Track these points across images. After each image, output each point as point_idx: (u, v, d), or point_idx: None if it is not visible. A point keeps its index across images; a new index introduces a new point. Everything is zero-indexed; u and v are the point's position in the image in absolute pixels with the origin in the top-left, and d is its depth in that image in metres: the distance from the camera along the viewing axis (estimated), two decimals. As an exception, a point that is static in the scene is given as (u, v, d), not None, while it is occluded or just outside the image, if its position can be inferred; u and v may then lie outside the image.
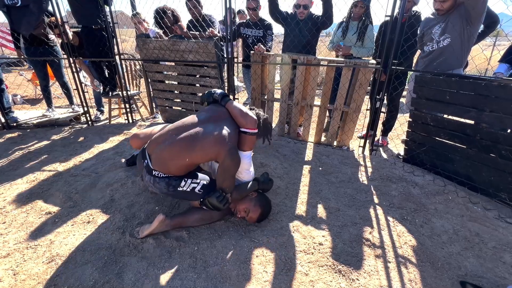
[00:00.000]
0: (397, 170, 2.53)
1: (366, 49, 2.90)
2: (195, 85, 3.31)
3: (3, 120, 3.43)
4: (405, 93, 3.34)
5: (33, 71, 4.85)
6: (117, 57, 3.39)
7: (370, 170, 2.54)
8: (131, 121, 3.74)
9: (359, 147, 2.92)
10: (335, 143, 3.07)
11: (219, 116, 1.74)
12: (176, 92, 3.45)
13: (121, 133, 3.34)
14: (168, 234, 1.67)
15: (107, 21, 3.16)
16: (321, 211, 1.94)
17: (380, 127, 3.08)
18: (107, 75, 3.75)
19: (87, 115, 3.58)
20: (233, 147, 1.60)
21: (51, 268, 1.46)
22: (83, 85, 3.52)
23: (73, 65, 3.32)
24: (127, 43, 7.20)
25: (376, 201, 2.08)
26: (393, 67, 2.49)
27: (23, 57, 3.63)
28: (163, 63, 3.39)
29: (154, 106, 4.10)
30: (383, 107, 2.76)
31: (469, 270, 1.51)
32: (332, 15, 2.79)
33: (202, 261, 1.51)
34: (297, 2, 2.88)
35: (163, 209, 1.92)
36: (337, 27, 3.08)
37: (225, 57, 3.02)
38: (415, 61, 2.98)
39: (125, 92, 3.52)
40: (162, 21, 3.14)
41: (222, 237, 1.68)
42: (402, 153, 2.81)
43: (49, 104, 3.90)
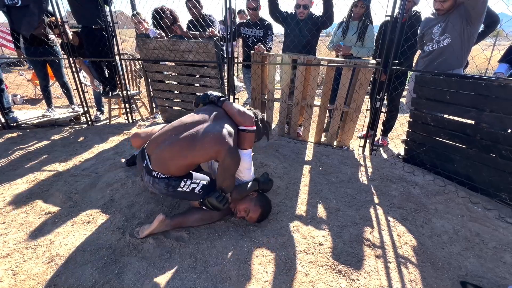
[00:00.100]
0: (397, 170, 2.53)
1: (366, 49, 2.90)
2: (195, 85, 3.31)
3: (3, 120, 3.43)
4: (405, 93, 3.34)
5: (33, 71, 4.85)
6: (117, 57, 3.39)
7: (370, 170, 2.53)
8: (131, 121, 3.74)
9: (359, 147, 2.92)
10: (335, 143, 3.07)
11: (217, 115, 1.74)
12: (176, 92, 3.45)
13: (121, 133, 3.34)
14: (168, 234, 1.67)
15: (107, 21, 3.16)
16: (321, 211, 1.94)
17: (380, 127, 3.07)
18: (107, 75, 3.75)
19: (87, 115, 3.58)
20: (233, 146, 1.60)
21: (51, 268, 1.46)
22: (83, 85, 3.52)
23: (73, 65, 3.32)
24: (127, 43, 7.21)
25: (376, 201, 2.08)
26: (393, 67, 2.49)
27: (23, 57, 3.63)
28: (163, 63, 3.39)
29: (154, 106, 4.10)
30: (383, 107, 2.76)
31: (470, 270, 1.51)
32: (332, 15, 2.79)
33: (202, 261, 1.51)
34: (297, 2, 2.88)
35: (163, 209, 1.92)
36: (337, 27, 3.08)
37: (225, 57, 3.02)
38: (415, 61, 2.98)
39: (125, 92, 3.52)
40: (161, 21, 3.14)
41: (222, 237, 1.68)
42: (402, 153, 2.81)
43: (49, 104, 3.90)
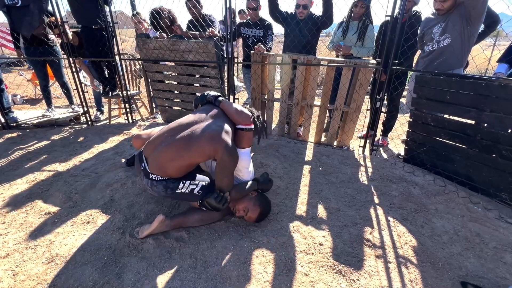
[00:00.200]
0: (397, 170, 2.52)
1: (366, 49, 2.90)
2: (195, 85, 3.31)
3: (2, 120, 3.43)
4: (405, 93, 3.34)
5: (33, 71, 4.85)
6: (117, 57, 3.39)
7: (370, 170, 2.53)
8: (131, 121, 3.74)
9: (359, 147, 2.92)
10: (335, 143, 3.07)
11: (214, 114, 1.74)
12: (176, 92, 3.44)
13: (121, 133, 3.33)
14: (168, 234, 1.67)
15: (107, 21, 3.15)
16: (322, 211, 1.93)
17: (380, 127, 3.07)
18: (107, 75, 3.75)
19: (87, 115, 3.57)
20: (230, 143, 1.59)
21: (50, 268, 1.46)
22: (83, 85, 3.51)
23: (73, 65, 3.31)
24: (127, 43, 7.21)
25: (376, 201, 2.08)
26: (393, 67, 2.49)
27: (22, 57, 3.63)
28: (163, 63, 3.39)
29: (154, 106, 4.10)
30: (383, 107, 2.75)
31: (470, 270, 1.50)
32: (332, 15, 2.79)
33: (202, 261, 1.51)
34: (297, 1, 2.87)
35: (163, 210, 1.92)
36: (337, 27, 3.08)
37: (225, 57, 3.02)
38: (415, 61, 2.98)
39: (125, 92, 3.52)
40: (161, 21, 3.13)
41: (222, 237, 1.67)
42: (402, 153, 2.81)
43: (49, 104, 3.90)
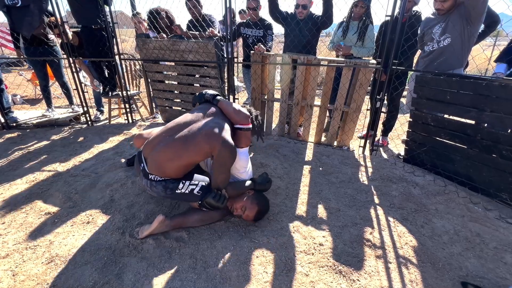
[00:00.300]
0: (397, 170, 2.52)
1: (366, 49, 2.89)
2: (195, 85, 3.31)
3: (2, 120, 3.43)
4: (405, 93, 3.34)
5: (33, 71, 4.85)
6: (117, 57, 3.39)
7: (370, 170, 2.53)
8: (131, 121, 3.73)
9: (359, 147, 2.91)
10: (335, 143, 3.07)
11: (212, 113, 1.74)
12: (176, 92, 3.44)
13: (121, 133, 3.33)
14: (168, 234, 1.67)
15: (107, 21, 3.15)
16: (322, 212, 1.93)
17: (380, 127, 3.07)
18: (107, 75, 3.75)
19: (87, 115, 3.57)
20: (227, 139, 1.58)
21: (50, 268, 1.45)
22: (83, 85, 3.51)
23: (73, 65, 3.31)
24: (127, 43, 7.21)
25: (376, 201, 2.08)
26: (393, 67, 2.49)
27: (22, 57, 3.63)
28: (163, 63, 3.39)
29: (154, 106, 4.10)
30: (383, 107, 2.75)
31: (470, 270, 1.50)
32: (332, 15, 2.79)
33: (202, 261, 1.51)
34: (297, 1, 2.87)
35: (163, 210, 1.91)
36: (338, 27, 3.07)
37: (225, 57, 3.02)
38: (415, 61, 2.98)
39: (125, 92, 3.52)
40: (160, 22, 3.13)
41: (222, 237, 1.67)
42: (402, 153, 2.80)
43: (49, 104, 3.90)
